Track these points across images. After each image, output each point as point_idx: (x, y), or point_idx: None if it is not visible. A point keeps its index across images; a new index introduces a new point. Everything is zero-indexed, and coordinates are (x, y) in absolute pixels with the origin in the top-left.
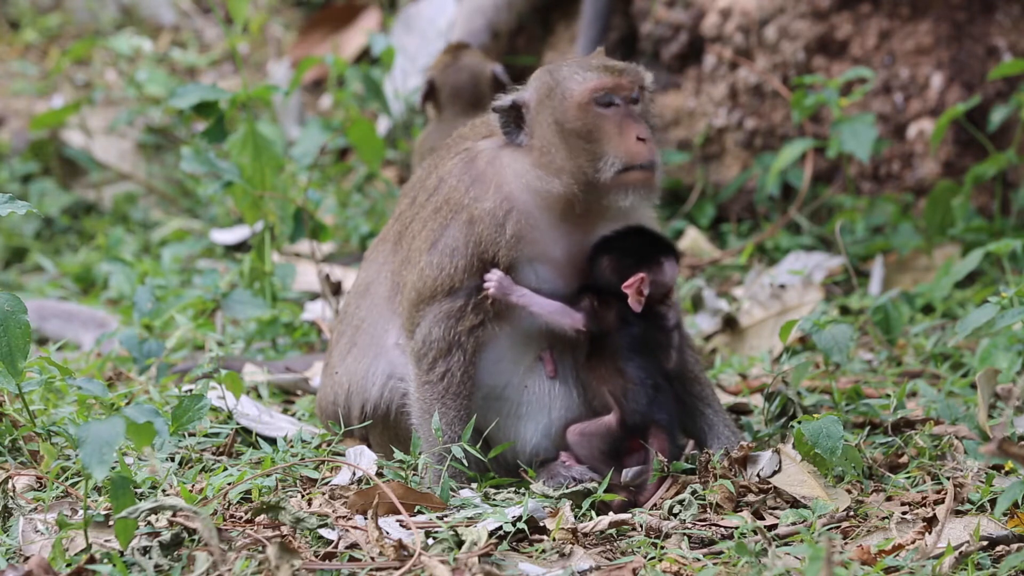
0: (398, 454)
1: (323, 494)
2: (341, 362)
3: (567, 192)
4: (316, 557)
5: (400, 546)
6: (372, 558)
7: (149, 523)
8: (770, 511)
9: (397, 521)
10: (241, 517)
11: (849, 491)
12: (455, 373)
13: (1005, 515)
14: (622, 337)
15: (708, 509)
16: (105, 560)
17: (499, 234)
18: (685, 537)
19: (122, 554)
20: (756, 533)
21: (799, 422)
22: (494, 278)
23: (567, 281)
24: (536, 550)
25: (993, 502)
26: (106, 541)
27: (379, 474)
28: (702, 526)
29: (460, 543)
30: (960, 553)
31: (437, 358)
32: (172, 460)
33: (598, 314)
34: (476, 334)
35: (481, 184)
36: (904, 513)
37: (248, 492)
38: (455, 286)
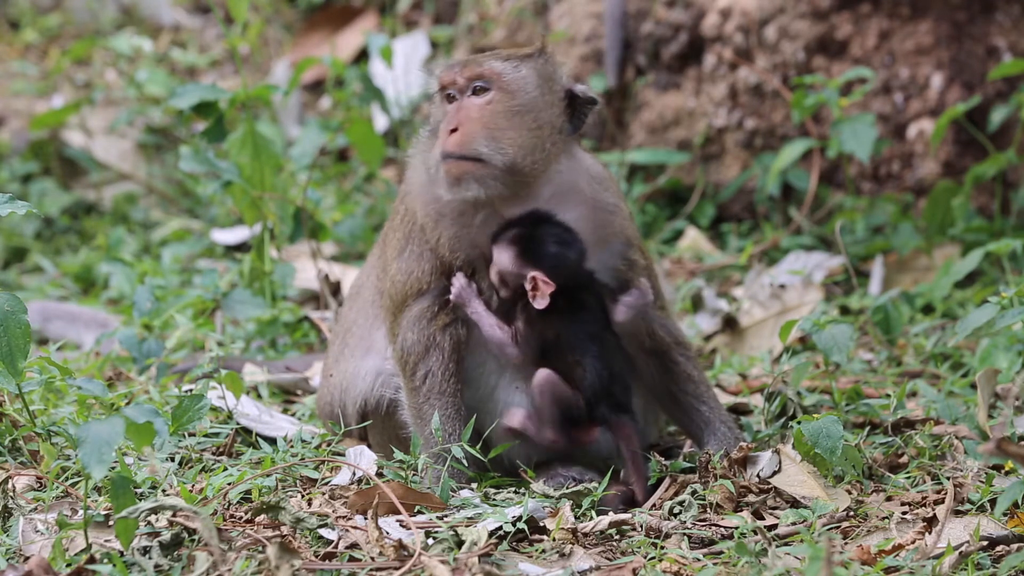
0: (398, 454)
1: (323, 494)
2: (336, 364)
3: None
4: (316, 557)
5: (400, 546)
6: (372, 558)
7: (149, 523)
8: (770, 511)
9: (397, 521)
10: (241, 517)
11: (849, 491)
12: (436, 373)
13: (1005, 515)
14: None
15: (708, 509)
16: (105, 560)
17: (440, 237)
18: (685, 537)
19: (122, 554)
20: (756, 533)
21: (799, 422)
22: (457, 285)
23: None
24: (536, 550)
25: (993, 502)
26: (106, 541)
27: (379, 474)
28: (702, 526)
29: (460, 543)
30: (960, 553)
31: (417, 362)
32: (172, 460)
33: (525, 331)
34: (450, 332)
35: (422, 190)
36: (904, 513)
37: (248, 492)
38: (423, 288)
